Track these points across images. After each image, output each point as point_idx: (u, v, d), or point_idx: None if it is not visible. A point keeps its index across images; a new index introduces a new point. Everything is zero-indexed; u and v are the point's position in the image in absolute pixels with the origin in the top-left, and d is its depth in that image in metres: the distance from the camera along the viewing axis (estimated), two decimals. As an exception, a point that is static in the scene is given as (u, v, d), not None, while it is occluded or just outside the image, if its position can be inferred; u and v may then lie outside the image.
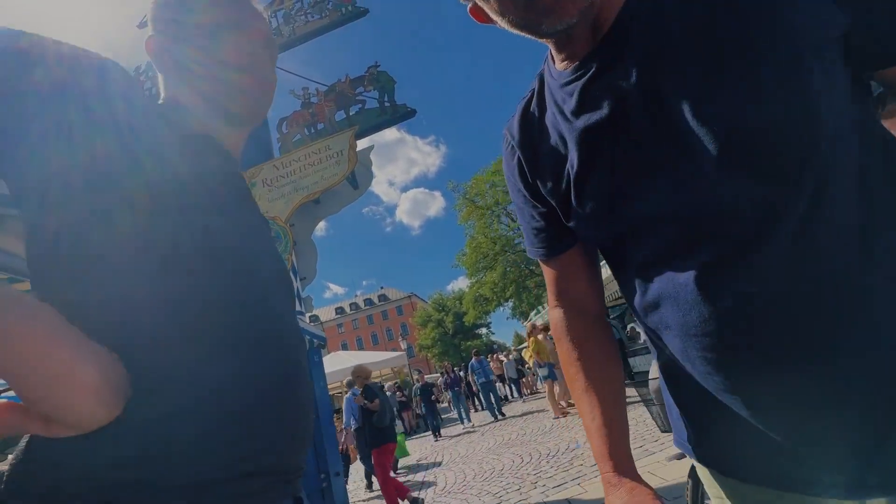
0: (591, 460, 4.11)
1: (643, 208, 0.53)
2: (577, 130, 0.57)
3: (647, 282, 0.57)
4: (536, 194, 0.67)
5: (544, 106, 0.64)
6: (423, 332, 43.20)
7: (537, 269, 21.08)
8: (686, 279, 0.51)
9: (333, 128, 6.44)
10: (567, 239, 0.69)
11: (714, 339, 0.50)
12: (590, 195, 0.58)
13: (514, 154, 0.68)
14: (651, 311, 0.58)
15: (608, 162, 0.55)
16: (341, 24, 7.15)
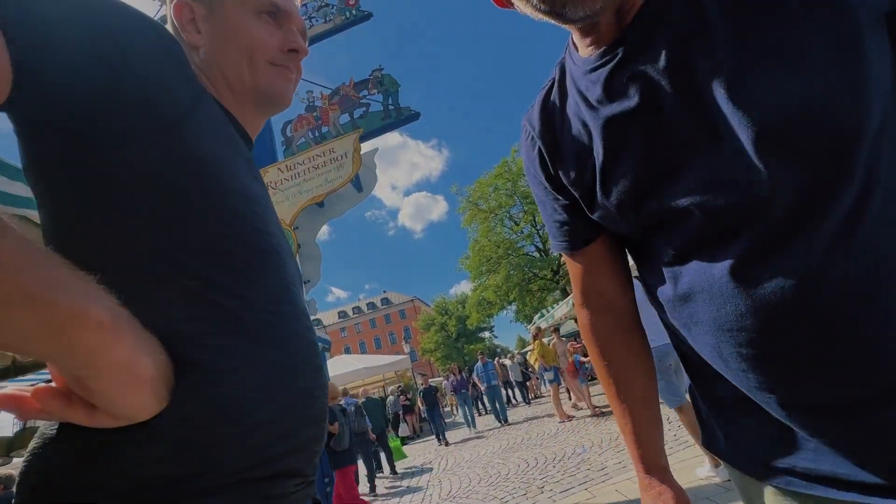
0: (599, 465, 4.07)
1: (674, 198, 0.51)
2: (603, 119, 0.55)
3: (676, 275, 0.55)
4: (559, 186, 0.65)
5: (566, 94, 0.62)
6: (426, 336, 43.13)
7: (540, 273, 21.06)
8: (721, 271, 0.48)
9: (338, 131, 6.45)
10: (591, 231, 0.66)
11: (751, 335, 0.48)
12: (616, 186, 0.56)
13: (535, 145, 0.66)
14: (680, 305, 0.56)
15: (636, 151, 0.53)
16: (345, 28, 7.18)
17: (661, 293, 0.59)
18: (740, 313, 0.48)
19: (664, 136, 0.50)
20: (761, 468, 0.56)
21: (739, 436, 0.59)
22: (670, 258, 0.55)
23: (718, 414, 0.61)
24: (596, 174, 0.58)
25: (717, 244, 0.49)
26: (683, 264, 0.54)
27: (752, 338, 0.48)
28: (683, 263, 0.54)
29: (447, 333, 42.18)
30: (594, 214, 0.62)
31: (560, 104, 0.62)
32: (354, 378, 13.92)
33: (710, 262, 0.50)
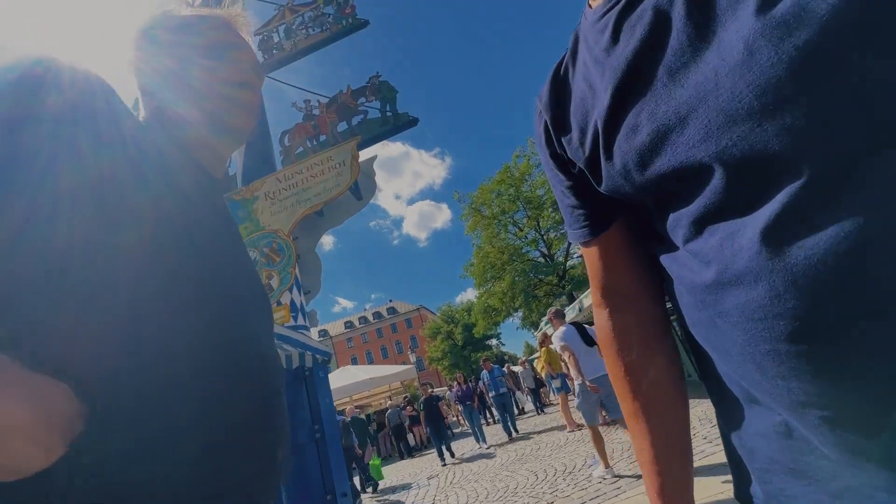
0: (611, 478, 3.89)
1: (687, 150, 0.41)
2: (608, 66, 0.47)
3: (691, 256, 0.44)
4: (564, 162, 0.58)
5: (576, 60, 0.56)
6: (432, 345, 42.88)
7: (546, 278, 20.86)
8: (749, 240, 0.37)
9: (336, 139, 6.38)
10: (607, 215, 0.57)
11: (791, 322, 0.35)
12: (620, 143, 0.47)
13: (542, 120, 0.60)
14: (702, 299, 0.44)
15: (642, 98, 0.44)
16: (342, 37, 7.16)
17: (682, 287, 0.48)
18: (775, 294, 0.36)
19: (674, 76, 0.42)
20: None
21: (782, 485, 0.43)
22: (688, 233, 0.44)
23: (751, 457, 0.46)
24: (599, 137, 0.49)
25: (742, 205, 0.39)
26: (704, 239, 0.43)
27: (791, 327, 0.35)
28: (704, 237, 0.43)
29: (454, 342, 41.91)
30: (602, 186, 0.53)
31: (571, 72, 0.57)
32: (360, 389, 13.75)
33: (735, 230, 0.39)
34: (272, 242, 5.55)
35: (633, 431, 0.56)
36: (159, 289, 0.43)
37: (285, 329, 3.87)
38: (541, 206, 20.91)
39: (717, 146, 0.38)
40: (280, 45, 7.26)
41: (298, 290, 5.39)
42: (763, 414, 0.42)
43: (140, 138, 0.49)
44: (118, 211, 0.42)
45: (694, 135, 0.40)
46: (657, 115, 0.43)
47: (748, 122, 0.36)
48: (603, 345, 0.59)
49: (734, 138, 0.37)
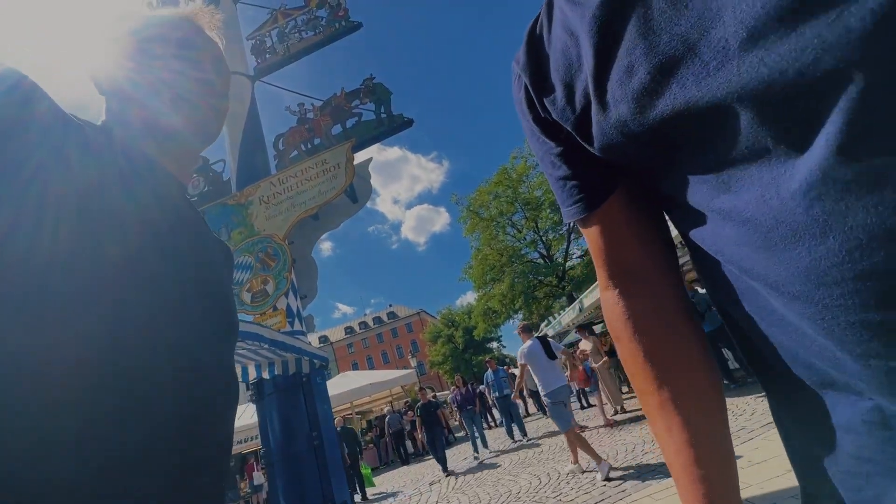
0: (615, 480, 3.81)
1: (696, 85, 0.33)
2: (591, 10, 0.40)
3: (721, 217, 0.36)
4: (549, 127, 0.50)
5: (552, 11, 0.48)
6: (433, 349, 42.74)
7: (546, 279, 20.79)
8: (801, 187, 0.29)
9: (330, 142, 6.32)
10: (605, 183, 0.49)
11: (882, 282, 0.27)
12: (612, 91, 0.39)
13: (521, 84, 0.52)
14: (738, 265, 0.36)
15: (636, 39, 0.36)
16: (335, 39, 7.12)
17: (714, 256, 0.39)
18: (855, 247, 0.28)
19: (673, 8, 0.34)
20: None
21: (878, 491, 0.33)
22: (713, 189, 0.36)
23: (832, 461, 0.36)
24: (589, 88, 0.42)
25: (783, 144, 0.30)
26: (735, 193, 0.34)
27: (886, 288, 0.27)
28: (735, 192, 0.34)
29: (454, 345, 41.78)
30: (596, 146, 0.44)
31: (547, 25, 0.49)
32: (361, 395, 13.63)
33: (778, 177, 0.31)
34: (267, 247, 5.48)
35: (659, 432, 0.46)
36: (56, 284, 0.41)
37: (281, 335, 3.80)
38: (539, 207, 20.88)
39: (741, 70, 0.30)
40: (273, 49, 7.21)
41: (295, 294, 5.31)
42: (847, 403, 0.33)
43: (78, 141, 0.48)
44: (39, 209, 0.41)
45: (708, 62, 0.32)
46: (657, 47, 0.35)
47: (780, 29, 0.28)
48: (614, 332, 0.51)
49: (762, 58, 0.29)
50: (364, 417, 18.23)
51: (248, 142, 6.15)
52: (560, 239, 21.61)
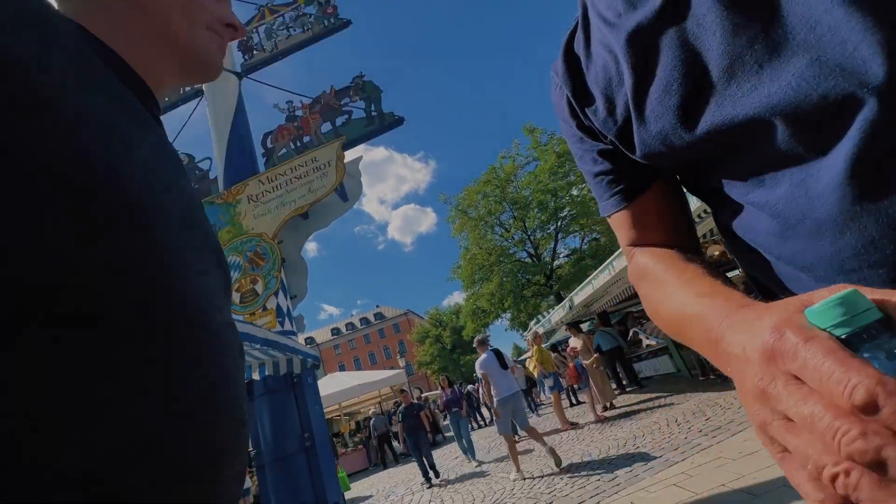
0: (609, 475, 3.85)
1: (737, 108, 0.37)
2: (626, 32, 0.44)
3: (756, 210, 0.41)
4: (593, 132, 0.54)
5: (589, 28, 0.53)
6: (421, 349, 42.67)
7: (534, 278, 20.94)
8: (826, 187, 0.34)
9: (320, 140, 6.27)
10: (641, 179, 0.53)
11: (892, 270, 0.33)
12: (654, 110, 0.44)
13: (562, 94, 0.56)
14: (773, 252, 0.41)
15: (673, 60, 0.41)
16: (324, 37, 7.06)
17: (750, 243, 0.44)
18: (869, 241, 0.33)
19: (705, 32, 0.38)
20: None
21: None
22: (747, 187, 0.41)
23: None
24: (629, 103, 0.46)
25: (811, 150, 0.35)
26: (767, 189, 0.39)
27: (876, 280, 0.33)
28: (767, 188, 0.39)
29: (442, 345, 41.80)
30: (637, 154, 0.49)
31: (584, 40, 0.54)
32: (349, 395, 13.53)
33: (806, 177, 0.36)
34: (256, 246, 5.40)
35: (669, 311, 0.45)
36: None
37: (273, 334, 3.74)
38: (527, 207, 21.01)
39: (771, 92, 0.35)
40: (260, 45, 7.12)
41: (285, 294, 5.24)
42: None
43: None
44: None
45: (742, 83, 0.36)
46: (693, 69, 0.39)
47: (805, 58, 0.33)
48: (636, 279, 0.54)
49: (792, 81, 0.33)
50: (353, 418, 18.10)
51: (235, 139, 6.05)
52: (548, 238, 21.79)
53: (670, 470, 3.44)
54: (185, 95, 7.05)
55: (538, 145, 20.59)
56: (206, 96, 6.50)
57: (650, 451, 4.14)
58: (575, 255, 21.21)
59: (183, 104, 7.17)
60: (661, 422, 5.12)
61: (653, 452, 4.05)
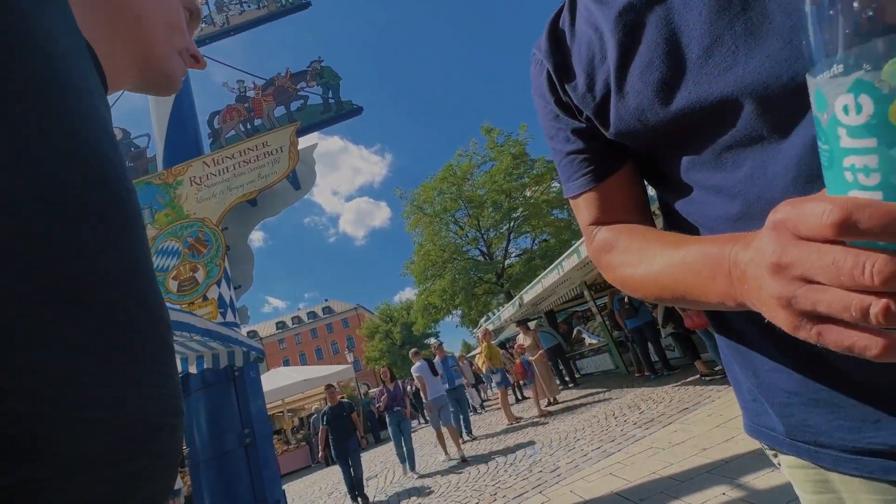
0: (550, 466, 4.00)
1: (710, 87, 0.39)
2: (616, 9, 0.46)
3: (713, 192, 0.43)
4: (570, 108, 0.56)
5: (575, 7, 0.55)
6: (370, 345, 42.14)
7: (486, 277, 21.29)
8: (783, 168, 0.36)
9: (272, 124, 5.98)
10: (614, 159, 0.55)
11: None
12: (634, 86, 0.46)
13: (543, 70, 0.58)
14: (724, 232, 0.42)
15: (656, 39, 0.43)
16: (280, 16, 6.75)
17: (700, 226, 0.46)
18: None
19: (690, 12, 0.40)
20: (845, 459, 0.41)
21: (804, 416, 0.44)
22: (709, 168, 0.43)
23: (776, 390, 0.46)
24: (610, 79, 0.48)
25: (772, 133, 0.37)
26: (728, 172, 0.41)
27: None
28: (728, 170, 0.41)
29: (392, 341, 41.51)
30: (611, 129, 0.50)
31: (570, 19, 0.55)
32: (293, 391, 13.10)
33: (766, 159, 0.38)
34: (198, 232, 5.06)
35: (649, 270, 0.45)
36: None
37: (213, 324, 3.53)
38: (482, 206, 21.29)
39: (745, 72, 0.37)
40: (210, 18, 6.67)
41: (228, 284, 4.96)
42: (784, 349, 0.42)
43: None
44: None
45: (719, 63, 0.38)
46: (675, 47, 0.41)
47: (778, 42, 0.35)
48: (601, 249, 0.54)
49: (764, 62, 0.36)
50: (296, 415, 17.55)
51: (177, 116, 5.62)
52: (500, 238, 22.21)
53: (607, 460, 3.63)
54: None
55: (495, 146, 20.91)
56: (146, 68, 6.01)
57: (589, 442, 4.35)
58: (526, 255, 21.77)
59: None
60: (600, 415, 5.39)
61: (592, 444, 4.25)
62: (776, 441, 0.47)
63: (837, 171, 0.24)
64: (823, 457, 0.42)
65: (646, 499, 2.70)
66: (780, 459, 0.49)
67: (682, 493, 2.59)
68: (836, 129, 0.23)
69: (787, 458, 0.48)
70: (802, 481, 0.47)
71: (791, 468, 0.48)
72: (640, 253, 0.47)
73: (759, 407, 0.49)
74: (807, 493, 0.47)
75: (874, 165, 0.22)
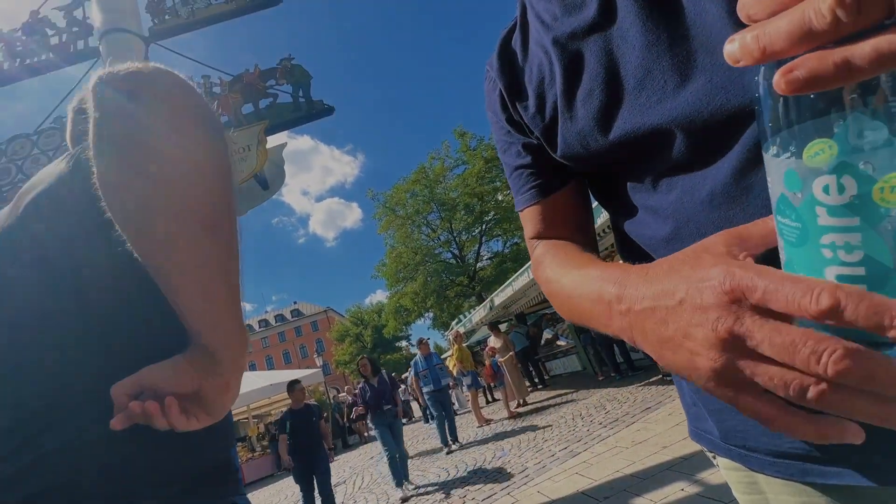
0: (519, 467, 4.05)
1: (645, 118, 0.42)
2: (561, 36, 0.48)
3: (650, 213, 0.46)
4: (521, 127, 0.57)
5: (527, 27, 0.56)
6: (340, 348, 41.46)
7: (457, 279, 21.39)
8: (707, 195, 0.39)
9: (240, 121, 5.82)
10: (560, 176, 0.57)
11: None
12: (578, 112, 0.47)
13: (496, 87, 0.59)
14: (658, 252, 0.46)
15: (597, 68, 0.45)
16: (249, 12, 6.57)
17: (639, 244, 0.49)
18: None
19: (626, 45, 0.42)
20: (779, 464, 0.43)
21: (735, 422, 0.46)
22: (646, 191, 0.46)
23: (709, 400, 0.48)
24: (557, 104, 0.49)
25: (700, 162, 0.40)
26: (661, 195, 0.44)
27: None
28: (661, 194, 0.44)
29: (363, 344, 40.99)
30: (557, 152, 0.52)
31: (521, 39, 0.57)
32: (259, 396, 12.70)
33: (693, 185, 0.41)
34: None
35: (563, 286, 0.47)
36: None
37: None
38: (454, 209, 21.39)
39: (674, 105, 0.39)
40: (174, 10, 6.43)
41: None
42: None
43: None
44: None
45: (651, 96, 0.41)
46: (613, 78, 0.43)
47: (701, 78, 0.37)
48: (536, 264, 0.57)
49: (689, 97, 0.38)
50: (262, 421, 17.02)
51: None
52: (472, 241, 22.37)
53: (574, 460, 3.71)
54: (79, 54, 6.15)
55: (467, 149, 21.07)
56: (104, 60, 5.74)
57: (556, 443, 4.43)
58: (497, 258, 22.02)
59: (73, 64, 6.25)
60: (568, 416, 5.50)
61: (559, 445, 4.34)
62: (713, 444, 0.50)
63: (812, 248, 0.24)
64: (751, 460, 0.45)
65: (609, 497, 2.78)
66: (718, 461, 0.52)
67: (643, 491, 2.68)
68: (813, 209, 0.23)
69: (722, 461, 0.51)
70: (735, 482, 0.50)
71: (727, 470, 0.51)
72: (559, 271, 0.49)
73: (698, 412, 0.51)
74: (739, 493, 0.50)
75: (856, 242, 0.22)
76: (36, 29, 6.29)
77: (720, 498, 2.27)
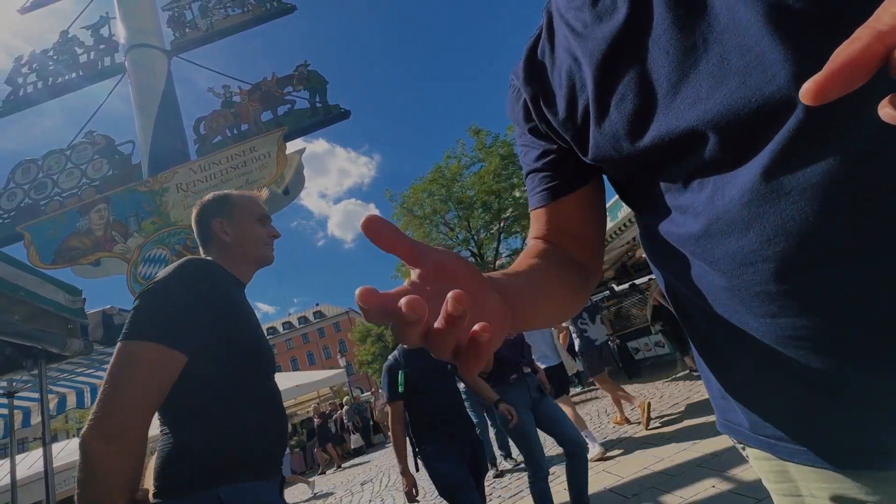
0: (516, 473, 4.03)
1: (678, 120, 0.42)
2: (592, 42, 0.49)
3: (680, 211, 0.47)
4: (546, 134, 0.59)
5: (553, 36, 0.56)
6: (362, 348, 41.93)
7: (476, 278, 21.28)
8: (739, 191, 0.40)
9: (259, 129, 5.94)
10: (582, 176, 0.59)
11: (779, 264, 0.38)
12: (610, 117, 0.48)
13: (520, 97, 0.60)
14: (688, 248, 0.47)
15: (630, 73, 0.46)
16: (265, 21, 6.72)
17: (669, 241, 0.50)
18: (766, 239, 0.38)
19: (659, 51, 0.43)
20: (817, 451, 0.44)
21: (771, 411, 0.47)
22: (677, 191, 0.47)
23: (738, 391, 0.50)
24: (589, 108, 0.50)
25: (731, 161, 0.41)
26: (693, 193, 0.45)
27: (780, 267, 0.38)
28: (693, 192, 0.45)
29: (384, 344, 41.35)
30: (588, 156, 0.53)
31: (549, 48, 0.57)
32: (286, 398, 12.97)
33: (724, 184, 0.42)
34: (186, 239, 5.00)
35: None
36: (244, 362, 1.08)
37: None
38: (471, 207, 21.34)
39: (708, 107, 0.40)
40: (194, 23, 6.61)
41: (217, 291, 4.92)
42: (748, 352, 0.45)
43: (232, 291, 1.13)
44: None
45: (685, 99, 0.41)
46: (646, 83, 0.44)
47: (735, 80, 0.38)
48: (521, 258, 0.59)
49: (723, 99, 0.39)
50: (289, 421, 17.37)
51: (162, 123, 5.57)
52: (491, 238, 22.29)
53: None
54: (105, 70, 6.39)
55: (483, 147, 20.98)
56: (130, 75, 5.95)
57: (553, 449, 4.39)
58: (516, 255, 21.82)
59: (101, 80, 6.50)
60: (593, 413, 5.45)
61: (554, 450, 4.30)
62: (742, 435, 0.51)
63: None
64: (780, 449, 0.46)
65: (638, 493, 2.75)
66: (747, 452, 0.53)
67: (673, 488, 2.64)
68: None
69: (752, 451, 0.51)
70: (766, 472, 0.50)
71: (756, 460, 0.51)
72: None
73: (727, 404, 0.52)
74: (770, 483, 0.51)
75: None
76: (66, 49, 6.56)
77: (753, 494, 2.22)
